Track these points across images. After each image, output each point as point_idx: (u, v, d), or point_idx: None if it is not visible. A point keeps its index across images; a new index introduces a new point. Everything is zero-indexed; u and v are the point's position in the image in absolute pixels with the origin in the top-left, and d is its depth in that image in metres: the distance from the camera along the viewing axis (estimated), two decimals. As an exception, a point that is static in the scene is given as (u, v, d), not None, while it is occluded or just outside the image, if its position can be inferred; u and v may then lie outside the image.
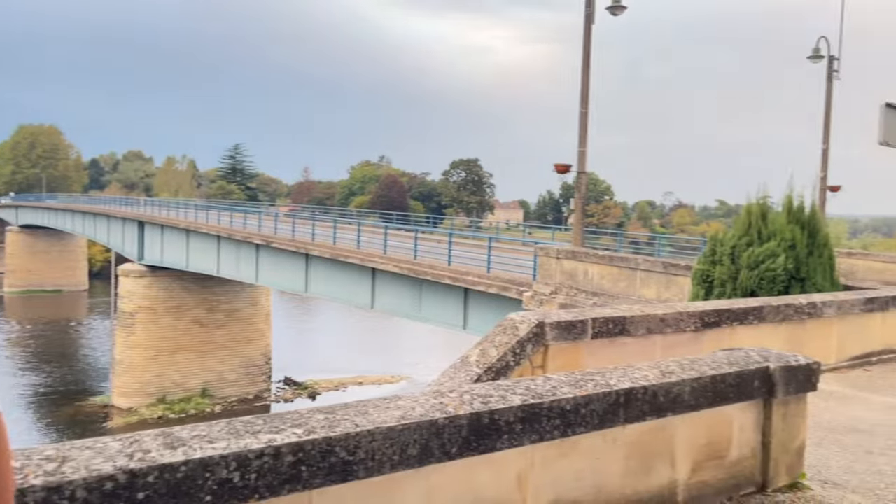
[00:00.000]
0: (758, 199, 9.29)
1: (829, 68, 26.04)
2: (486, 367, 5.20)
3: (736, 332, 6.69)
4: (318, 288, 27.95)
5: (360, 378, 47.68)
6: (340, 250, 25.65)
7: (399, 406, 2.82)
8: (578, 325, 5.59)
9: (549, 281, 14.65)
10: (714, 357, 3.98)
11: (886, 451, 4.86)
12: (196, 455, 2.24)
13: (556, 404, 3.09)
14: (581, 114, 15.40)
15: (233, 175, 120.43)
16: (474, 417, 2.84)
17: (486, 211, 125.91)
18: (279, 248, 29.62)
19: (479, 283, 18.24)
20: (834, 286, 8.92)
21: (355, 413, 2.71)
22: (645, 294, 12.70)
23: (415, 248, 22.43)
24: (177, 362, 40.40)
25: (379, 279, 24.07)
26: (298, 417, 2.62)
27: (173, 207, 46.29)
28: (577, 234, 15.63)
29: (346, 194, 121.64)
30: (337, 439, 2.51)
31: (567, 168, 15.81)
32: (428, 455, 2.72)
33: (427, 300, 21.61)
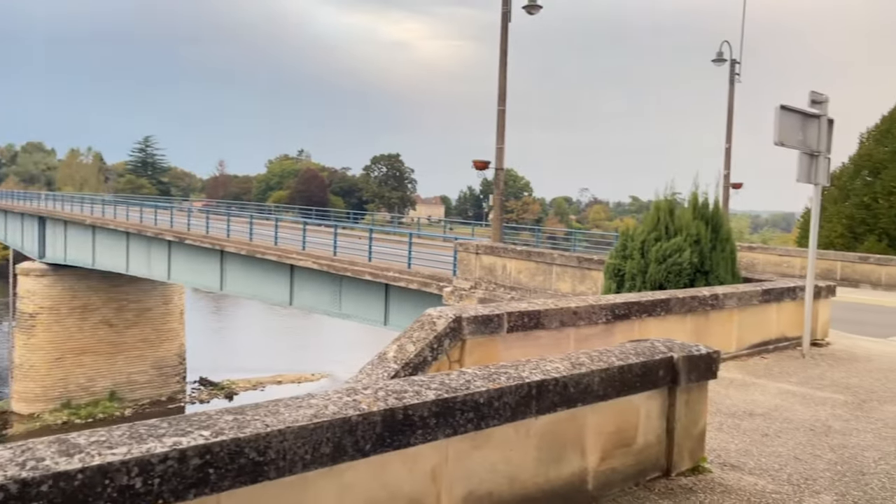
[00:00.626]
0: (666, 195, 9.68)
1: (731, 71, 27.42)
2: (404, 362, 5.22)
3: (645, 323, 6.96)
4: (234, 286, 27.21)
5: (279, 377, 46.83)
6: (257, 247, 25.06)
7: (311, 404, 2.79)
8: (495, 319, 5.68)
9: (469, 276, 14.81)
10: (622, 348, 4.12)
11: (780, 434, 5.17)
12: (94, 462, 2.14)
13: (470, 398, 3.13)
14: (499, 111, 15.61)
15: (143, 169, 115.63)
16: (388, 414, 2.84)
17: (408, 207, 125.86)
18: (193, 245, 28.65)
19: (400, 279, 18.23)
20: (735, 279, 9.40)
21: (266, 413, 2.66)
22: (560, 288, 13.03)
23: (334, 243, 22.18)
24: (83, 365, 38.48)
25: (297, 276, 23.66)
26: (206, 419, 2.55)
27: (77, 202, 44.00)
28: (496, 230, 15.85)
29: (264, 189, 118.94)
30: (246, 440, 2.46)
31: (486, 164, 16.00)
32: (341, 453, 2.71)
33: (347, 297, 21.41)
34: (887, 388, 6.92)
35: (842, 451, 4.80)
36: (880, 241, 28.77)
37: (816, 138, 8.18)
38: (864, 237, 29.45)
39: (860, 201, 29.93)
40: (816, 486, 4.10)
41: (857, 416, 5.81)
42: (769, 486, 4.05)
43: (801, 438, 5.07)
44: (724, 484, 4.03)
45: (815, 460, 4.58)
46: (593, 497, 3.72)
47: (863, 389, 6.82)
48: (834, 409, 5.96)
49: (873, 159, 30.43)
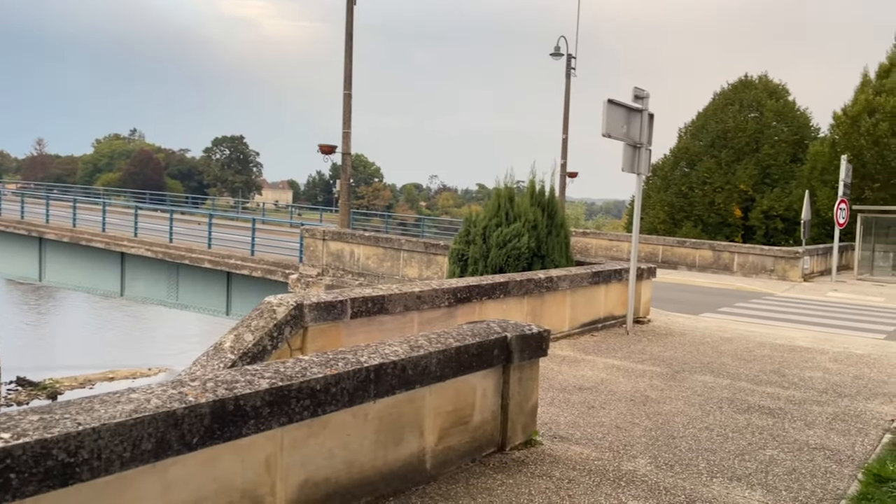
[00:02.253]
0: (507, 183, 10.07)
1: (567, 65, 28.96)
2: (242, 352, 5.04)
3: (485, 306, 7.21)
4: (56, 275, 24.88)
5: (111, 373, 43.49)
6: (82, 233, 23.05)
7: (132, 399, 2.62)
8: (338, 305, 5.63)
9: (316, 263, 14.56)
10: (459, 330, 4.24)
11: (605, 405, 5.58)
12: None
13: (306, 385, 3.09)
14: (345, 95, 15.42)
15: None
16: (217, 405, 2.73)
17: (254, 191, 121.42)
18: (5, 231, 25.80)
19: (243, 267, 17.54)
20: (569, 262, 9.99)
21: (78, 411, 2.46)
22: (408, 273, 13.17)
23: (170, 230, 20.91)
24: None
25: (129, 264, 22.07)
26: (7, 420, 2.32)
27: None
28: (344, 216, 15.68)
29: (91, 171, 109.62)
30: (54, 441, 2.27)
31: (332, 149, 15.75)
32: (165, 448, 2.57)
33: (185, 286, 20.29)
34: (696, 360, 7.68)
35: (656, 418, 5.27)
36: (696, 227, 31.86)
37: (639, 131, 8.85)
38: (682, 223, 32.46)
39: (679, 190, 32.92)
40: (633, 452, 4.47)
41: (671, 385, 6.40)
42: (592, 454, 4.36)
43: (623, 409, 5.50)
44: (553, 455, 4.29)
45: (633, 428, 4.99)
46: (431, 476, 3.81)
47: (676, 361, 7.52)
48: (651, 381, 6.53)
49: (690, 152, 33.55)
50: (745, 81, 34.08)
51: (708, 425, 5.16)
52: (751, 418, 5.42)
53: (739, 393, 6.23)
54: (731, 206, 31.46)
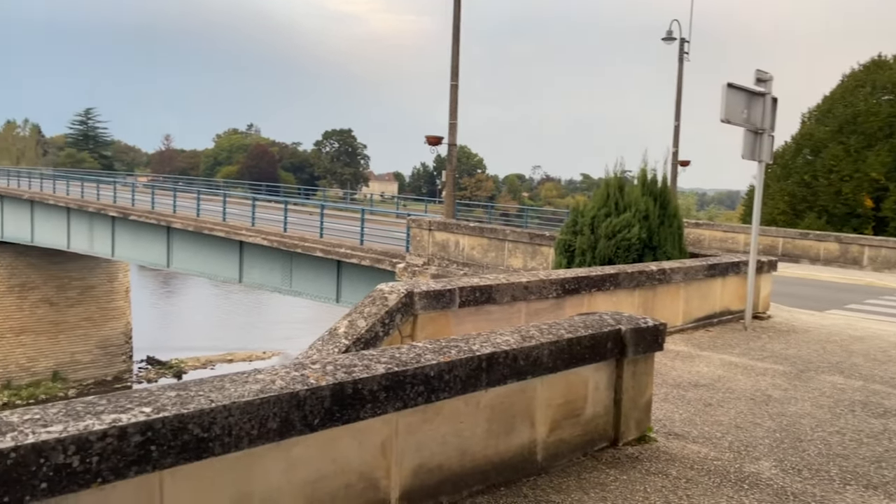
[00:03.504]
0: (616, 172, 9.80)
1: (680, 49, 27.81)
2: (355, 338, 5.18)
3: (594, 298, 7.06)
4: (181, 262, 26.58)
5: (229, 355, 46.18)
6: (205, 222, 24.48)
7: (258, 380, 2.74)
8: (446, 294, 5.68)
9: (422, 252, 14.78)
10: (571, 321, 4.17)
11: (723, 403, 5.33)
12: (28, 440, 2.06)
13: (421, 371, 3.12)
14: (452, 86, 15.50)
15: (84, 142, 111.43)
16: (337, 388, 2.81)
17: (361, 183, 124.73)
18: (138, 221, 27.81)
19: (353, 256, 18.07)
20: (682, 254, 9.61)
21: (211, 389, 2.60)
22: (512, 264, 13.12)
23: (284, 219, 21.83)
24: (22, 344, 37.21)
25: (247, 252, 23.25)
26: (148, 395, 2.48)
27: (14, 176, 42.23)
28: (449, 206, 15.80)
29: (212, 164, 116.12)
30: (190, 416, 2.40)
31: (438, 140, 15.89)
32: (288, 428, 2.67)
33: (298, 273, 21.15)
34: (823, 359, 7.20)
35: (780, 419, 4.98)
36: (819, 218, 29.85)
37: (761, 116, 8.36)
38: (804, 214, 30.50)
39: (801, 179, 30.93)
40: (756, 453, 4.24)
41: (795, 385, 6.03)
42: (711, 454, 4.17)
43: (743, 407, 5.24)
44: (668, 452, 4.14)
45: (754, 428, 4.74)
46: (542, 468, 3.77)
47: (801, 360, 7.08)
48: (773, 379, 6.17)
49: (814, 139, 31.43)
50: (878, 62, 31.51)
51: (839, 429, 4.82)
52: (888, 423, 5.02)
53: (874, 396, 5.79)
54: (861, 196, 29.24)
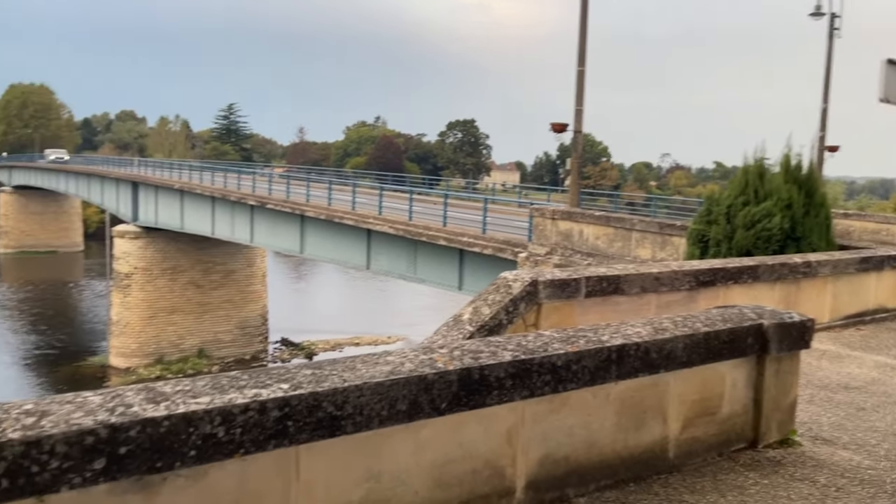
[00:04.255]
0: (755, 158, 9.20)
1: (829, 25, 25.66)
2: (479, 325, 5.18)
3: (730, 290, 6.66)
4: (313, 249, 27.90)
5: (356, 339, 47.98)
6: (336, 211, 25.53)
7: (388, 362, 2.78)
8: (572, 283, 5.56)
9: (545, 242, 14.62)
10: (708, 314, 3.95)
11: (878, 408, 4.87)
12: (179, 410, 2.20)
13: (548, 360, 3.06)
14: (578, 72, 15.15)
15: (227, 136, 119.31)
16: (464, 373, 2.81)
17: (483, 173, 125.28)
18: (274, 209, 29.46)
19: (475, 245, 18.20)
20: (829, 246, 8.89)
21: (343, 369, 2.67)
22: (640, 254, 12.69)
23: (410, 209, 22.34)
24: (173, 323, 40.54)
25: (374, 240, 24.01)
26: (285, 373, 2.58)
27: (167, 168, 45.94)
28: (573, 195, 15.51)
29: (342, 155, 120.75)
30: (324, 394, 2.48)
31: (563, 127, 15.61)
32: (417, 410, 2.70)
33: (422, 261, 21.60)
34: None
35: (947, 430, 4.48)
36: None
37: (928, 94, 7.55)
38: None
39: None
40: (919, 465, 3.84)
41: (965, 393, 5.41)
42: (865, 462, 3.82)
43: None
44: (815, 458, 3.83)
45: (916, 437, 4.29)
46: (674, 466, 3.60)
47: (971, 365, 6.34)
48: (938, 385, 5.57)
49: None
50: None
51: None
52: None
53: None
54: None
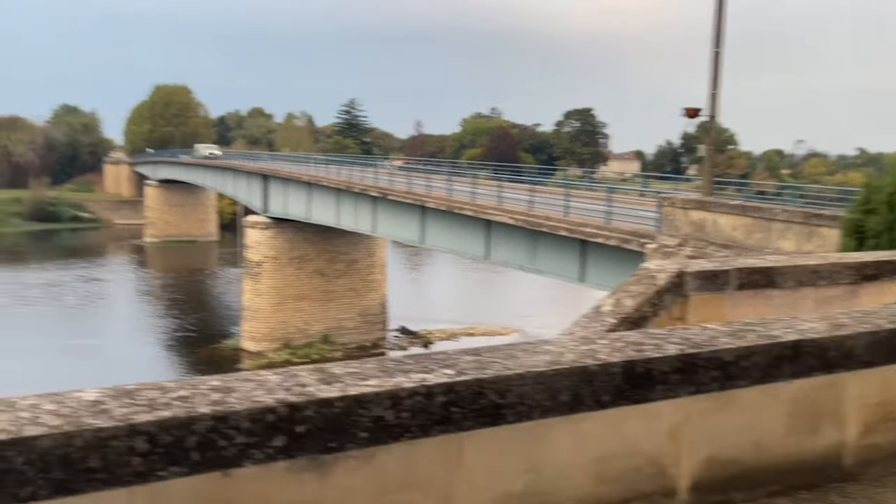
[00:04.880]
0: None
1: None
2: (622, 317, 5.00)
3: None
4: (433, 239, 28.32)
5: (471, 329, 48.33)
6: (456, 202, 25.75)
7: (548, 351, 2.71)
8: (721, 275, 5.25)
9: (675, 233, 13.99)
10: (890, 310, 3.58)
11: None
12: (351, 391, 2.22)
13: (716, 355, 2.87)
14: (714, 54, 14.33)
15: (348, 130, 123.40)
16: (628, 366, 2.68)
17: (600, 162, 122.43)
18: (396, 201, 30.14)
19: (598, 235, 17.75)
20: None
21: (504, 356, 2.62)
22: (782, 246, 11.85)
23: (530, 199, 22.14)
24: (300, 310, 42.50)
25: (494, 231, 24.03)
26: (447, 358, 2.56)
27: (294, 162, 48.11)
28: (707, 183, 14.74)
29: (458, 147, 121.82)
30: (488, 382, 2.44)
31: (697, 112, 14.85)
32: (579, 402, 2.60)
33: (542, 252, 21.36)
34: None
35: None
36: None
37: None
38: None
39: None
40: None
41: None
42: None
43: None
44: None
45: None
46: (850, 475, 3.29)
47: None
48: None
49: None
50: None
51: None
52: None
53: None
54: None
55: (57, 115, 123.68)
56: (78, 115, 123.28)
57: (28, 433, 1.81)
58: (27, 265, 69.58)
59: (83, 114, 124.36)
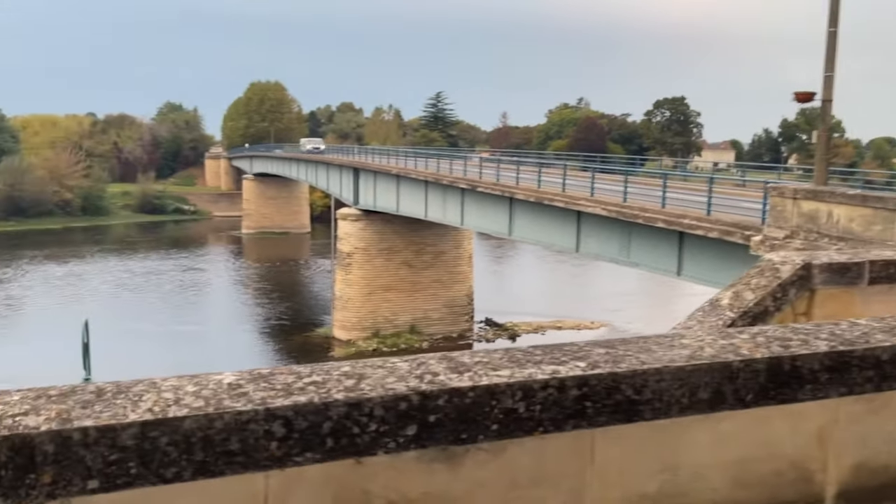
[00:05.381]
0: None
1: None
2: (741, 311, 4.72)
3: None
4: (521, 231, 28.06)
5: (558, 322, 47.75)
6: (545, 193, 25.39)
7: (685, 345, 2.54)
8: (853, 268, 4.87)
9: (783, 224, 13.21)
10: None
11: None
12: (482, 381, 2.14)
13: (871, 353, 2.62)
14: (829, 33, 13.38)
15: (434, 123, 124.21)
16: (773, 362, 2.48)
17: (693, 152, 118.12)
18: (484, 192, 30.05)
19: (698, 227, 17.02)
20: None
21: (638, 350, 2.48)
22: (906, 239, 10.97)
23: (625, 190, 21.52)
24: (388, 300, 43.19)
25: (584, 222, 23.54)
26: (578, 350, 2.45)
27: (384, 155, 48.82)
28: (821, 171, 13.83)
29: (543, 139, 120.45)
30: (622, 376, 2.30)
31: (810, 96, 13.95)
32: (720, 400, 2.43)
33: (636, 244, 20.74)
34: None
35: None
36: None
37: None
38: None
39: None
40: None
41: None
42: None
43: None
44: None
45: None
46: None
47: None
48: None
49: None
50: None
51: None
52: None
53: None
54: None
55: (161, 112, 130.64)
56: (181, 112, 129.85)
57: (172, 414, 1.82)
58: (136, 254, 73.95)
59: (185, 111, 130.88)
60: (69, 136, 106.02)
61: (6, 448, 1.67)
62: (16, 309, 50.67)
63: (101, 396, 1.88)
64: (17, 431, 1.69)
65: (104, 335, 32.35)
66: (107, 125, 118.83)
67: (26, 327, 45.97)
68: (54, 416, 1.76)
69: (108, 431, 1.75)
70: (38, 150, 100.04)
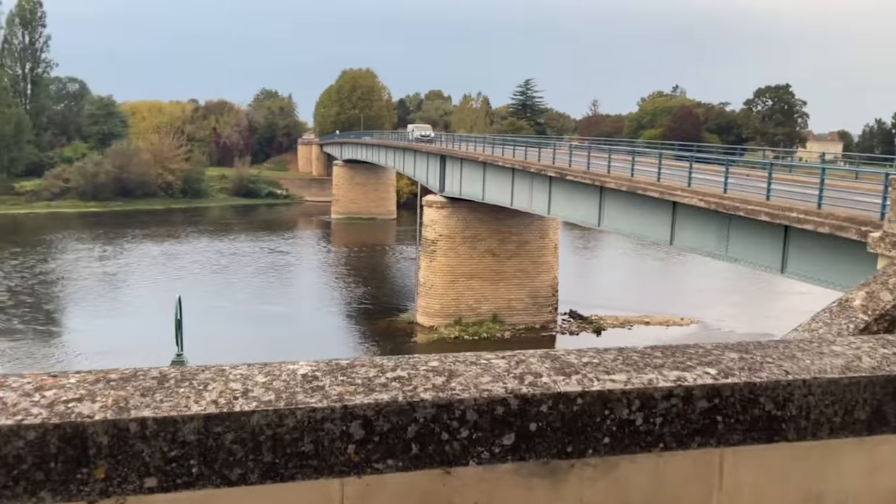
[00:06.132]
0: None
1: None
2: (877, 314, 4.16)
3: None
4: (611, 222, 27.17)
5: (646, 317, 46.34)
6: (638, 183, 24.42)
7: (835, 352, 2.13)
8: None
9: (906, 220, 12.03)
10: None
11: None
12: (594, 387, 1.82)
13: None
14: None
15: (523, 111, 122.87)
16: (954, 379, 2.03)
17: (796, 143, 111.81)
18: (573, 181, 29.28)
19: (806, 221, 15.83)
20: None
21: (779, 356, 2.08)
22: None
23: (725, 180, 20.36)
24: (471, 288, 43.06)
25: (679, 214, 22.48)
26: (705, 353, 2.08)
27: (470, 142, 48.55)
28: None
29: (635, 128, 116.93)
30: (762, 387, 1.92)
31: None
32: (881, 421, 2.01)
33: (735, 238, 19.60)
34: None
35: None
36: None
37: None
38: None
39: None
40: None
41: None
42: None
43: None
44: None
45: None
46: None
47: None
48: None
49: None
50: None
51: None
52: None
53: None
54: None
55: (257, 99, 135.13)
56: (276, 99, 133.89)
57: (239, 408, 1.60)
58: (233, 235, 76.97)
59: (280, 98, 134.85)
60: (172, 122, 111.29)
61: (56, 438, 1.49)
62: (114, 286, 53.73)
63: (163, 384, 1.68)
64: (69, 419, 1.50)
65: (194, 314, 33.73)
66: (207, 111, 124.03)
67: (123, 302, 48.67)
68: (111, 403, 1.57)
69: (169, 424, 1.54)
70: (144, 135, 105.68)
